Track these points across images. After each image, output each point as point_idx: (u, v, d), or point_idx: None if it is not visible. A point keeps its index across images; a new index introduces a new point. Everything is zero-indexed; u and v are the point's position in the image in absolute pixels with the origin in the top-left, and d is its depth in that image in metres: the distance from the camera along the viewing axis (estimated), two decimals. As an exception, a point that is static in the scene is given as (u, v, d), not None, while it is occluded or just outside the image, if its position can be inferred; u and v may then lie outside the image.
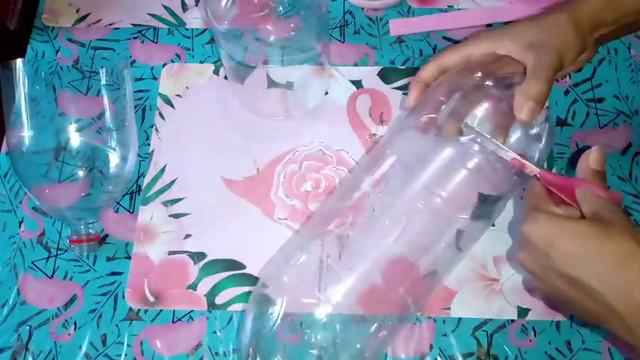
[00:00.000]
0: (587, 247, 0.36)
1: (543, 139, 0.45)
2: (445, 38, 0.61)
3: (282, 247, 0.52)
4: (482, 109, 0.45)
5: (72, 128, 0.52)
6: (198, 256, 0.53)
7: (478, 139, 0.43)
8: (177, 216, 0.54)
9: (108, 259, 0.53)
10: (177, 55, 0.61)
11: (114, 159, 0.53)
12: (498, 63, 0.46)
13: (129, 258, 0.53)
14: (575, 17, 0.44)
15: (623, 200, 0.52)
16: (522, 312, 0.50)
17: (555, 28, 0.44)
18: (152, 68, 0.61)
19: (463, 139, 0.44)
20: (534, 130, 0.45)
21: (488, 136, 0.43)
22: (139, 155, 0.56)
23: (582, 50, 0.45)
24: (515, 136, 0.45)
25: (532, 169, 0.42)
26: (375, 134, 0.57)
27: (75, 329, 0.50)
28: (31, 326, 0.51)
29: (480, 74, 0.46)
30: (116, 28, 0.63)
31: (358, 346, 0.45)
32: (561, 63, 0.44)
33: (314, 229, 0.49)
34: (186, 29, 0.63)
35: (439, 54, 0.48)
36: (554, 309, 0.50)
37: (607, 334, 0.49)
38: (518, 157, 0.42)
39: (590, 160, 0.41)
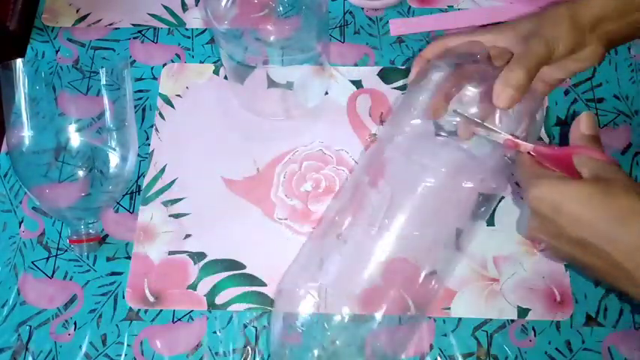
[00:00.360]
0: (591, 208, 0.36)
1: (537, 116, 0.45)
2: (445, 38, 0.61)
3: (295, 258, 0.51)
4: (471, 92, 0.45)
5: (72, 128, 0.52)
6: (198, 256, 0.53)
7: (471, 124, 0.43)
8: (177, 216, 0.54)
9: (108, 259, 0.53)
10: (177, 55, 0.61)
11: (114, 159, 0.53)
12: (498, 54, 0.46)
13: (129, 258, 0.53)
14: (574, 10, 0.43)
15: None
16: (522, 312, 0.50)
17: (549, 19, 0.43)
18: (152, 68, 0.61)
19: (455, 122, 0.44)
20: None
21: (479, 120, 0.43)
22: (139, 155, 0.56)
23: (579, 44, 0.44)
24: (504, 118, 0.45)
25: (526, 146, 0.41)
26: (375, 134, 0.57)
27: (75, 329, 0.50)
28: (31, 326, 0.51)
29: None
30: (116, 28, 0.63)
31: (358, 346, 0.45)
32: (549, 53, 0.43)
33: (322, 236, 0.49)
34: (186, 29, 0.63)
35: (445, 37, 0.48)
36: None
37: (620, 293, 0.49)
38: (511, 137, 0.42)
39: (582, 126, 0.40)
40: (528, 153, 0.41)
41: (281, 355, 0.46)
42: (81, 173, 0.52)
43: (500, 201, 0.53)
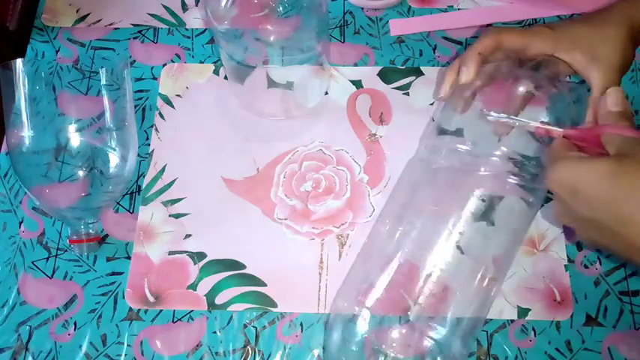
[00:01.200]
0: (603, 188, 0.35)
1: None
2: (445, 38, 0.61)
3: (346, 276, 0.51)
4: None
5: (72, 128, 0.52)
6: (198, 256, 0.53)
7: (503, 121, 0.44)
8: (177, 216, 0.54)
9: (108, 259, 0.53)
10: (177, 55, 0.61)
11: (114, 159, 0.53)
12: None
13: (129, 258, 0.53)
14: (635, 29, 0.44)
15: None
16: (522, 312, 0.50)
17: (618, 44, 0.43)
18: (152, 68, 0.61)
19: (490, 118, 0.44)
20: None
21: (506, 115, 0.43)
22: (139, 155, 0.56)
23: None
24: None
25: (557, 131, 0.41)
26: (375, 134, 0.57)
27: (75, 329, 0.50)
28: (31, 326, 0.51)
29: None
30: (116, 28, 0.63)
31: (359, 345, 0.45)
32: (623, 75, 0.44)
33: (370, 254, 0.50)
34: (186, 29, 0.63)
35: (499, 30, 0.46)
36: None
37: None
38: (541, 125, 0.42)
39: (609, 103, 0.40)
40: (563, 137, 0.41)
41: None
42: (81, 173, 0.52)
43: (500, 201, 0.53)
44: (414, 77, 0.59)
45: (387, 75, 0.59)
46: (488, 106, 0.45)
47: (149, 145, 0.57)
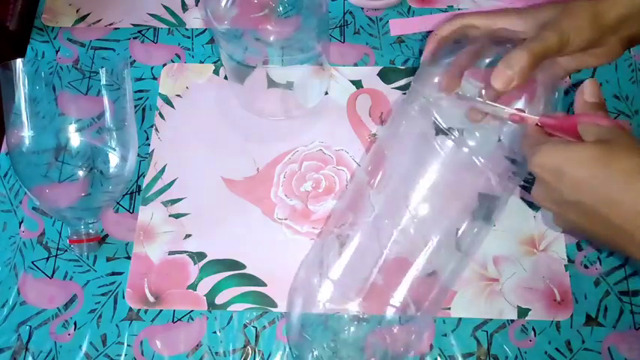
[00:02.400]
0: (592, 171, 0.35)
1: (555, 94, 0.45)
2: (445, 38, 0.61)
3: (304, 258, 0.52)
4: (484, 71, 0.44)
5: (72, 128, 0.52)
6: (198, 256, 0.53)
7: (475, 105, 0.43)
8: (177, 216, 0.54)
9: (108, 259, 0.53)
10: (177, 55, 0.61)
11: (114, 159, 0.53)
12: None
13: (129, 258, 0.53)
14: (597, 7, 0.42)
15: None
16: (522, 312, 0.50)
17: (570, 12, 0.42)
18: (152, 68, 0.61)
19: (461, 100, 0.44)
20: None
21: (481, 100, 0.43)
22: (139, 155, 0.56)
23: (596, 42, 0.43)
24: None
25: (532, 119, 0.41)
26: (375, 134, 0.57)
27: (75, 329, 0.50)
28: (31, 326, 0.51)
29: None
30: (116, 28, 0.63)
31: (360, 345, 0.45)
32: (561, 45, 0.42)
33: (325, 232, 0.50)
34: (186, 29, 0.63)
35: (462, 16, 0.46)
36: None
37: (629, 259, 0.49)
38: (516, 112, 0.41)
39: (586, 94, 0.40)
40: (536, 125, 0.41)
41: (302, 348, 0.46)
42: (81, 173, 0.52)
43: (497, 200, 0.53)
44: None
45: (387, 75, 0.59)
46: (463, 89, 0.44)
47: (149, 145, 0.57)
